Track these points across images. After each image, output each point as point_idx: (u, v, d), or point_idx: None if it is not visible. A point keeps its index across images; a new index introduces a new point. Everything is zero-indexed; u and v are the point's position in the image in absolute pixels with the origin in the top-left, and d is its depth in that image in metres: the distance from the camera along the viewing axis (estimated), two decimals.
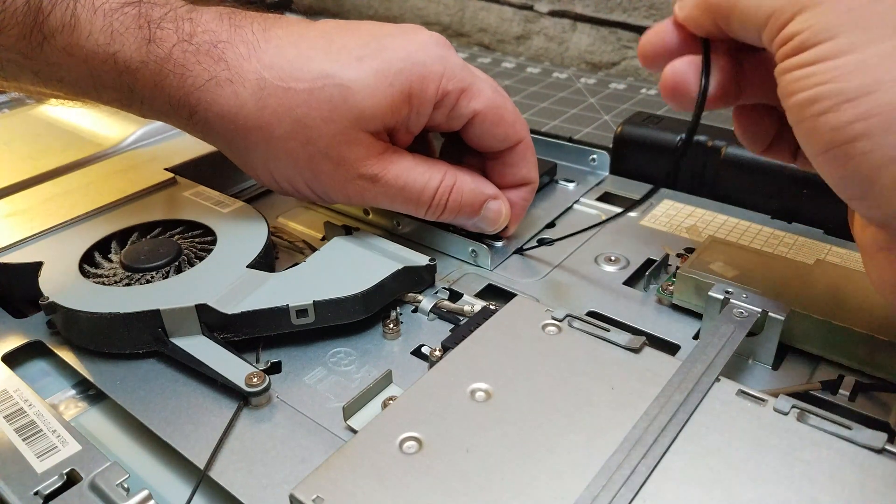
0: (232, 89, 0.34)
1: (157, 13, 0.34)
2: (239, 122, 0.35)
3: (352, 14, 0.99)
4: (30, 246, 0.39)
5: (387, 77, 0.34)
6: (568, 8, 0.78)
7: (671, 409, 0.25)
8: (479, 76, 0.37)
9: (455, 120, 0.36)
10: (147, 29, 0.33)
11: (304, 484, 0.23)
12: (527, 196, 0.40)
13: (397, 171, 0.36)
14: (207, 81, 0.34)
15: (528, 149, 0.39)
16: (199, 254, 0.37)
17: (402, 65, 0.34)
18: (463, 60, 0.36)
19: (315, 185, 0.36)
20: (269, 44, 0.35)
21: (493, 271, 0.40)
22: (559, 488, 0.23)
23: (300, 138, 0.34)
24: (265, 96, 0.34)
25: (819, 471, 0.23)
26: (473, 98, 0.36)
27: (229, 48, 0.34)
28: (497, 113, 0.36)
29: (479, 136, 0.37)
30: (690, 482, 0.23)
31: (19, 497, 0.26)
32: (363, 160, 0.35)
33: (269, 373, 0.32)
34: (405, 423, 0.25)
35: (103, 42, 0.33)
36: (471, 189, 0.38)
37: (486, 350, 0.29)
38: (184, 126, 0.37)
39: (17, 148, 0.51)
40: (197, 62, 0.34)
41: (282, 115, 0.34)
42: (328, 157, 0.35)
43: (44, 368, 0.35)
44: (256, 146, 0.35)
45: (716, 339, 0.29)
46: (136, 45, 0.33)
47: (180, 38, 0.34)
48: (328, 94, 0.34)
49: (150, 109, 0.36)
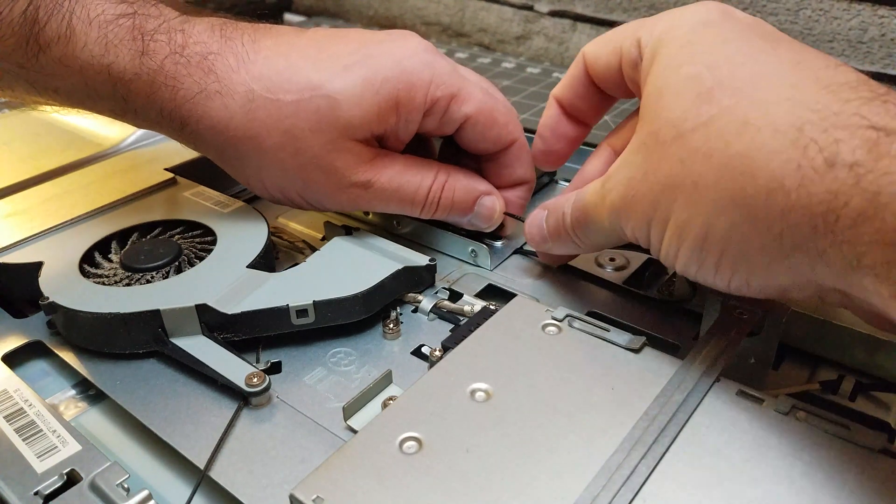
0: (221, 101, 0.34)
1: (150, 25, 0.34)
2: (229, 134, 0.35)
3: (352, 14, 0.99)
4: (30, 246, 0.39)
5: (373, 86, 0.34)
6: (568, 8, 0.78)
7: (671, 409, 0.25)
8: (469, 79, 0.37)
9: (447, 125, 0.37)
10: (141, 41, 0.34)
11: (304, 484, 0.23)
12: (524, 195, 0.40)
13: (390, 174, 0.36)
14: (197, 94, 0.34)
15: (522, 148, 0.39)
16: (199, 254, 0.37)
17: (388, 73, 0.34)
18: (452, 65, 0.36)
19: (307, 193, 0.37)
20: (259, 55, 0.35)
21: (493, 271, 0.40)
22: (559, 488, 0.23)
23: (289, 149, 0.35)
24: (254, 108, 0.34)
25: (819, 471, 0.23)
26: (464, 103, 0.36)
27: (219, 60, 0.34)
28: (489, 116, 0.36)
29: (473, 140, 0.37)
30: (690, 482, 0.23)
31: (19, 497, 0.26)
32: (354, 168, 0.35)
33: (269, 373, 0.32)
34: (405, 423, 0.25)
35: (98, 53, 0.33)
36: (463, 186, 0.38)
37: (486, 350, 0.29)
38: (176, 136, 0.37)
39: (17, 148, 0.51)
40: (188, 74, 0.34)
41: (271, 126, 0.34)
42: (319, 167, 0.35)
43: (44, 368, 0.35)
44: (247, 157, 0.36)
45: (716, 339, 0.29)
46: (130, 56, 0.33)
47: (172, 50, 0.34)
48: (315, 105, 0.34)
49: (144, 120, 0.36)
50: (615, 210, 0.29)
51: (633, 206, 0.27)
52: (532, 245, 0.37)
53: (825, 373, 0.32)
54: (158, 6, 0.35)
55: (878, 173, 0.20)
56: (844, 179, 0.21)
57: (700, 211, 0.25)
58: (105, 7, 0.33)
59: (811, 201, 0.22)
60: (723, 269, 0.25)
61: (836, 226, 0.21)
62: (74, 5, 0.33)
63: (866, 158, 0.21)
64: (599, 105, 0.35)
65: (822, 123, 0.22)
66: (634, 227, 0.28)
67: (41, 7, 0.32)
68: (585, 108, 0.35)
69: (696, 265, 0.26)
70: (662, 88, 0.27)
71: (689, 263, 0.26)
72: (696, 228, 0.25)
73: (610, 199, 0.29)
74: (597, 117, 0.36)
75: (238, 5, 0.95)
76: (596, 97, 0.34)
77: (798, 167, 0.22)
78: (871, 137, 0.21)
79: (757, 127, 0.23)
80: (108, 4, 0.33)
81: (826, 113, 0.22)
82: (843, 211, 0.21)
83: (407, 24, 0.92)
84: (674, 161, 0.25)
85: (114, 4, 0.34)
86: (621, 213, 0.28)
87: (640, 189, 0.27)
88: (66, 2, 0.33)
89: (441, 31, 0.90)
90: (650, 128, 0.27)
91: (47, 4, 0.32)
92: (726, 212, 0.24)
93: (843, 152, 0.21)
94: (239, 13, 0.94)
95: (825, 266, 0.22)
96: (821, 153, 0.22)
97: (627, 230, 0.29)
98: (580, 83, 0.34)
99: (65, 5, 0.33)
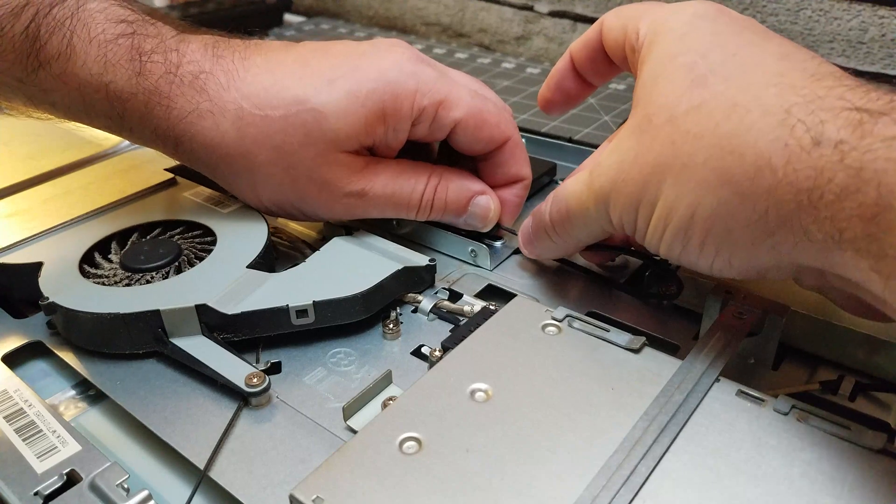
0: (213, 120, 0.35)
1: (148, 45, 0.34)
2: (221, 152, 0.35)
3: (352, 14, 0.99)
4: (30, 246, 0.39)
5: (358, 98, 0.34)
6: (568, 8, 0.78)
7: (671, 410, 0.25)
8: (457, 83, 0.37)
9: (438, 131, 0.37)
10: (138, 61, 0.34)
11: (304, 484, 0.23)
12: (520, 193, 0.40)
13: (383, 181, 0.37)
14: (190, 113, 0.35)
15: (516, 146, 0.39)
16: (199, 254, 0.37)
17: (373, 84, 0.34)
18: (440, 71, 0.37)
19: (303, 206, 0.37)
20: (248, 72, 0.35)
21: (493, 271, 0.40)
22: (559, 488, 0.23)
23: (282, 164, 0.35)
24: (244, 125, 0.35)
25: (819, 471, 0.23)
26: (452, 108, 0.36)
27: (210, 79, 0.35)
28: (479, 118, 0.36)
29: (466, 142, 0.37)
30: (690, 482, 0.23)
31: (19, 497, 0.26)
32: (347, 178, 0.36)
33: (269, 373, 0.32)
34: (405, 423, 0.25)
35: (97, 72, 0.33)
36: (456, 187, 0.38)
37: (485, 350, 0.29)
38: (171, 154, 0.37)
39: (16, 148, 0.51)
40: (181, 94, 0.35)
41: (261, 142, 0.35)
42: (312, 181, 0.36)
43: (44, 369, 0.35)
44: (240, 173, 0.36)
45: (716, 339, 0.29)
46: (128, 76, 0.34)
47: (167, 70, 0.34)
48: (302, 119, 0.34)
49: (139, 137, 0.37)
50: (603, 195, 0.29)
51: (623, 189, 0.28)
52: (523, 251, 0.38)
53: (825, 373, 0.32)
54: (157, 25, 0.36)
55: (862, 150, 0.21)
56: (830, 157, 0.22)
57: (688, 189, 0.26)
58: (105, 27, 0.34)
59: (797, 178, 0.23)
60: (707, 249, 0.26)
61: (820, 202, 0.22)
62: (76, 24, 0.33)
63: (851, 137, 0.22)
64: (606, 70, 0.35)
65: (809, 106, 0.23)
66: (622, 211, 0.29)
67: (43, 25, 0.33)
68: (593, 69, 0.36)
69: (680, 245, 0.27)
70: (658, 75, 0.28)
71: (674, 244, 0.27)
72: (683, 208, 0.26)
73: (598, 185, 0.30)
74: (601, 80, 0.37)
75: (239, 6, 0.95)
76: (604, 62, 0.35)
77: (785, 146, 0.23)
78: (855, 118, 0.22)
79: (746, 108, 0.24)
80: (108, 24, 0.34)
81: (812, 97, 0.23)
82: (827, 187, 0.22)
83: (407, 24, 0.92)
84: (665, 143, 0.26)
85: (114, 24, 0.34)
86: (610, 198, 0.29)
87: (630, 172, 0.28)
88: (68, 20, 0.33)
89: (441, 31, 0.90)
90: (644, 111, 0.28)
91: (49, 23, 0.33)
92: (714, 190, 0.25)
93: (829, 131, 0.22)
94: (239, 13, 0.94)
95: (808, 242, 0.23)
96: (808, 132, 0.23)
97: (614, 215, 0.29)
98: (593, 46, 0.34)
99: (66, 24, 0.33)
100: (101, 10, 0.34)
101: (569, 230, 0.33)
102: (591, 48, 0.35)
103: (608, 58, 0.34)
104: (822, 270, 0.25)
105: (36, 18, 0.32)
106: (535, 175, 0.44)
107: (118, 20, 0.34)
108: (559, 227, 0.34)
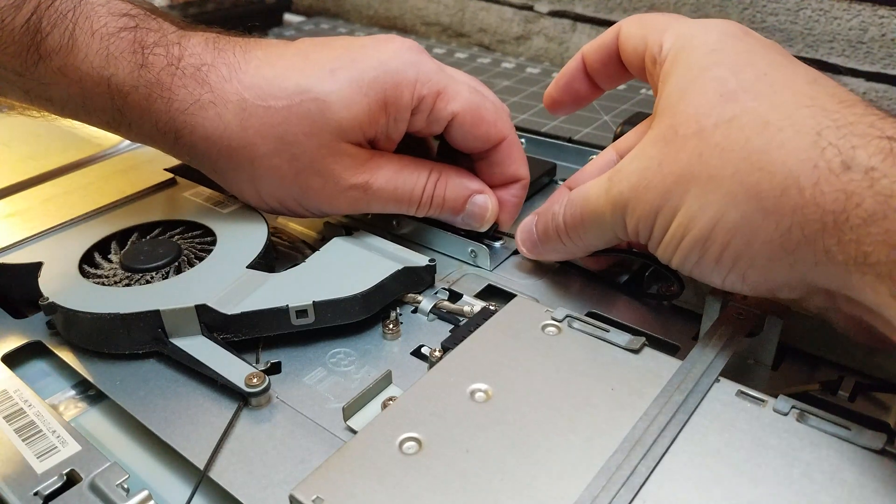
0: (215, 111, 0.35)
1: (150, 38, 0.34)
2: (223, 144, 0.35)
3: (352, 14, 0.99)
4: (29, 246, 0.39)
5: (361, 87, 0.34)
6: (568, 8, 0.78)
7: (671, 410, 0.25)
8: (455, 78, 0.37)
9: (435, 124, 0.37)
10: (141, 54, 0.34)
11: (304, 484, 0.23)
12: (518, 193, 0.40)
13: (386, 175, 0.36)
14: (191, 105, 0.35)
15: (513, 145, 0.39)
16: (199, 254, 0.37)
17: (374, 73, 0.34)
18: (438, 64, 0.37)
19: (305, 200, 0.37)
20: (249, 65, 0.35)
21: (493, 272, 0.40)
22: (559, 488, 0.23)
23: (285, 155, 0.35)
24: (247, 116, 0.35)
25: (819, 471, 0.23)
26: (450, 100, 0.36)
27: (212, 71, 0.35)
28: (476, 113, 0.36)
29: (462, 138, 0.37)
30: (690, 482, 0.23)
31: (19, 497, 0.26)
32: (351, 170, 0.36)
33: (269, 373, 0.32)
34: (405, 423, 0.25)
35: (98, 65, 0.33)
36: (455, 185, 0.38)
37: (485, 350, 0.29)
38: (170, 150, 0.37)
39: (17, 148, 0.51)
40: (182, 86, 0.34)
41: (265, 133, 0.35)
42: (316, 172, 0.35)
43: (44, 369, 0.35)
44: (242, 166, 0.36)
45: (716, 340, 0.29)
46: (129, 69, 0.34)
47: (169, 62, 0.34)
48: (306, 108, 0.34)
49: (137, 133, 0.36)
50: (621, 201, 0.29)
51: (643, 196, 0.28)
52: (522, 251, 0.38)
53: (825, 373, 0.32)
54: (158, 20, 0.36)
55: (892, 178, 0.22)
56: (860, 182, 0.22)
57: (712, 201, 0.26)
58: (108, 20, 0.34)
59: (825, 199, 0.23)
60: (723, 262, 0.26)
61: (846, 224, 0.22)
62: (78, 17, 0.33)
63: (882, 164, 0.22)
64: (618, 75, 0.36)
65: (840, 131, 0.23)
66: (640, 218, 0.29)
67: (45, 17, 0.32)
68: (604, 73, 0.36)
69: (697, 256, 0.27)
70: (686, 87, 0.28)
71: (690, 255, 0.27)
72: (705, 219, 0.26)
73: (617, 190, 0.30)
74: (611, 84, 0.37)
75: (239, 6, 0.95)
76: (617, 68, 0.35)
77: (815, 167, 0.23)
78: (886, 147, 0.22)
79: (778, 127, 0.25)
80: (110, 17, 0.34)
81: (843, 122, 0.24)
82: (854, 211, 0.22)
83: (407, 24, 0.92)
84: (692, 154, 0.27)
85: (116, 17, 0.34)
86: (628, 204, 0.29)
87: (652, 179, 0.28)
88: (70, 13, 0.33)
89: (441, 31, 0.90)
90: (670, 122, 0.28)
91: (51, 15, 0.33)
92: (739, 204, 0.25)
93: (860, 157, 0.23)
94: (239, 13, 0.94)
95: (826, 263, 0.23)
96: (839, 156, 0.23)
97: (630, 222, 0.29)
98: (608, 51, 0.35)
99: (68, 17, 0.33)
100: (104, 3, 0.34)
101: (581, 234, 0.33)
102: (605, 53, 0.35)
103: (622, 64, 0.34)
104: (833, 293, 0.25)
105: (38, 11, 0.32)
106: (535, 175, 0.44)
107: (120, 14, 0.34)
108: (572, 231, 0.33)
